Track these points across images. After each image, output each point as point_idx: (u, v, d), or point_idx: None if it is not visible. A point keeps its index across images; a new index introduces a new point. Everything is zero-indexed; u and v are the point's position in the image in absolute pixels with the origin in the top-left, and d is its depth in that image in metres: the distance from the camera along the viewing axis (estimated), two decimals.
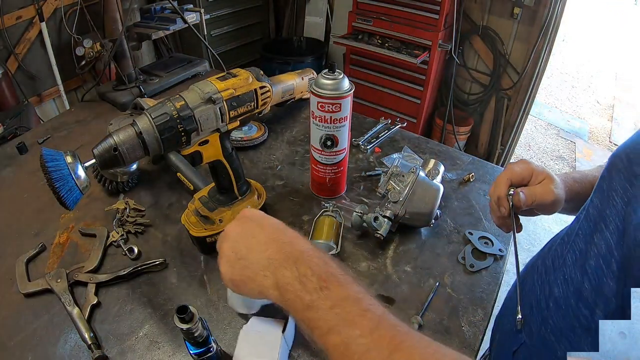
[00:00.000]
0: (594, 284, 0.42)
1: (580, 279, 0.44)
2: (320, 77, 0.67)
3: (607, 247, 0.41)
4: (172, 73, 1.25)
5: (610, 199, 0.43)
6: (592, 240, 0.44)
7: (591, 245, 0.44)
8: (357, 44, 2.29)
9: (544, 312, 0.47)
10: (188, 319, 0.44)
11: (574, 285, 0.44)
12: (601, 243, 0.42)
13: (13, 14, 1.83)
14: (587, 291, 0.42)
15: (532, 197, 0.54)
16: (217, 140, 0.59)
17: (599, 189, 0.47)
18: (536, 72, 2.13)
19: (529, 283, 0.55)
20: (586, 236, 0.45)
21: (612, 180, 0.44)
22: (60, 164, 0.48)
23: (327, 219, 0.70)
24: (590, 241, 0.44)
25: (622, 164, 0.43)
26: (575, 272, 0.45)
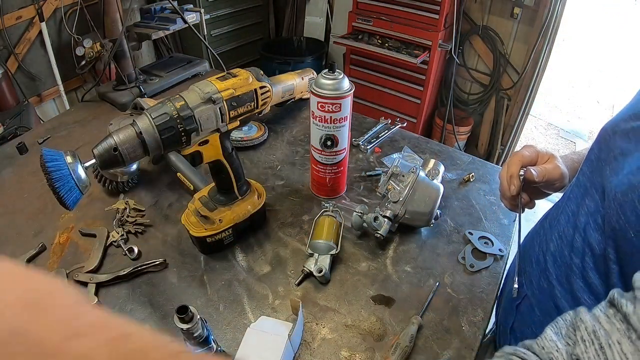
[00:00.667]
0: (583, 236, 0.48)
1: (572, 234, 0.49)
2: (320, 77, 0.67)
3: (595, 205, 0.47)
4: (172, 73, 1.25)
5: (598, 167, 0.49)
6: (583, 202, 0.49)
7: (582, 207, 0.49)
8: (357, 44, 2.29)
9: (542, 265, 0.53)
10: (188, 319, 0.44)
11: (567, 239, 0.50)
12: (590, 204, 0.48)
13: (13, 14, 1.83)
14: (577, 243, 0.48)
15: (543, 172, 0.58)
16: (217, 140, 0.59)
17: (587, 160, 0.53)
18: (536, 72, 2.13)
19: (529, 245, 0.61)
20: (577, 199, 0.51)
21: (600, 151, 0.50)
22: (60, 164, 0.47)
23: (327, 219, 0.70)
24: (580, 203, 0.50)
25: (607, 136, 0.49)
26: (568, 229, 0.50)
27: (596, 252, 0.45)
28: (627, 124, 0.47)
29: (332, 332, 0.58)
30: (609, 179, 0.45)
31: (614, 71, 4.20)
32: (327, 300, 0.62)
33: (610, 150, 0.47)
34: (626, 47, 4.42)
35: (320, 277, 0.63)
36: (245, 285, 0.64)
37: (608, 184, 0.45)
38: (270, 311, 0.61)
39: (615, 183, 0.43)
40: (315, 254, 0.66)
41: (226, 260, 0.68)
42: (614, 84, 4.02)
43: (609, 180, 0.45)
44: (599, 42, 4.54)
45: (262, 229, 0.74)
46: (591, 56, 4.34)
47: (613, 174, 0.44)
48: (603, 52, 4.42)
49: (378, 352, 0.56)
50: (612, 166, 0.46)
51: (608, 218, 0.43)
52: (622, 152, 0.45)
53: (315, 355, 0.55)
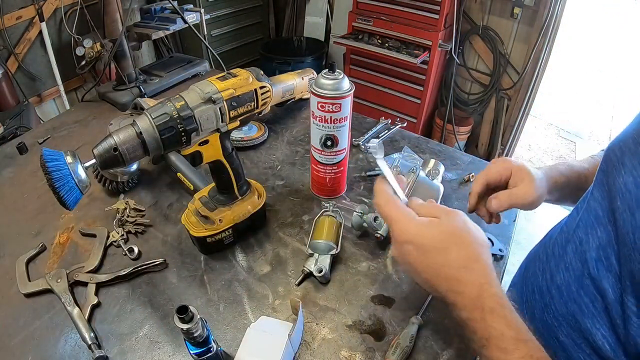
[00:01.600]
0: (594, 275, 0.43)
1: (581, 269, 0.45)
2: (320, 77, 0.67)
3: (607, 238, 0.43)
4: (172, 73, 1.25)
5: (609, 194, 0.44)
6: (594, 232, 0.45)
7: (592, 237, 0.45)
8: (357, 44, 2.29)
9: (546, 297, 0.49)
10: (188, 319, 0.44)
11: (575, 274, 0.46)
12: (602, 235, 0.43)
13: (13, 14, 1.83)
14: (587, 280, 0.44)
15: (506, 201, 0.55)
16: (217, 140, 0.59)
17: (599, 183, 0.47)
18: (536, 72, 2.13)
19: (531, 269, 0.56)
20: (587, 227, 0.46)
21: (609, 175, 0.45)
22: (60, 164, 0.47)
23: (327, 219, 0.70)
24: (590, 232, 0.45)
25: (615, 157, 0.44)
26: (576, 262, 0.46)
27: (609, 296, 0.41)
28: (636, 142, 0.42)
29: (332, 332, 0.58)
30: (623, 214, 0.40)
31: (614, 71, 4.20)
32: (327, 300, 0.62)
33: (621, 175, 0.43)
34: (626, 47, 4.41)
35: (320, 277, 0.63)
36: (245, 285, 0.64)
37: (623, 223, 0.40)
38: (270, 311, 0.61)
39: (633, 225, 0.39)
40: (315, 254, 0.66)
41: (226, 260, 0.68)
42: (614, 84, 4.02)
43: (622, 217, 0.40)
44: (599, 42, 4.54)
45: (262, 229, 0.74)
46: (591, 56, 4.34)
47: (627, 210, 0.40)
48: (603, 52, 4.42)
49: (378, 352, 0.56)
50: (625, 198, 0.41)
51: (627, 265, 0.39)
52: (636, 182, 0.40)
53: (315, 355, 0.55)
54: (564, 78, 3.93)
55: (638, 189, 0.40)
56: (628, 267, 0.39)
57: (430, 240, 0.42)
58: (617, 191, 0.42)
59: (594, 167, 0.62)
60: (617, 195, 0.42)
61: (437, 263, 0.42)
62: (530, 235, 2.23)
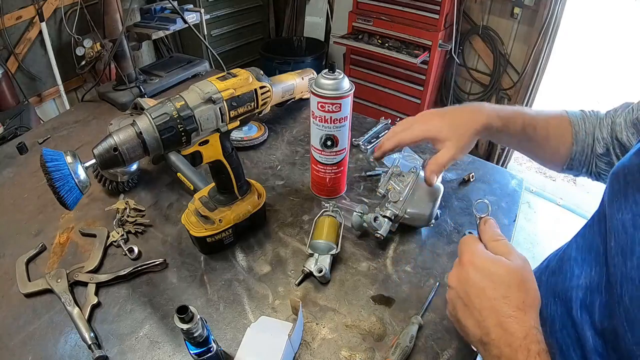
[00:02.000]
0: (576, 318, 0.42)
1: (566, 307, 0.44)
2: (320, 77, 0.67)
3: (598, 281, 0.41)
4: (172, 73, 1.25)
5: (605, 228, 0.42)
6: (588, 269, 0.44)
7: (584, 274, 0.44)
8: (357, 44, 2.30)
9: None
10: (188, 319, 0.44)
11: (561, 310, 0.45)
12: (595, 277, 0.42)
13: (13, 14, 1.83)
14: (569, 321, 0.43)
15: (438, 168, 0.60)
16: (217, 140, 0.59)
17: (600, 215, 0.45)
18: (536, 72, 2.13)
19: None
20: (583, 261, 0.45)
21: (611, 205, 0.42)
22: (60, 164, 0.47)
23: (327, 219, 0.70)
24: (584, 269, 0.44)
25: (618, 185, 0.42)
26: (563, 298, 0.45)
27: (589, 345, 0.40)
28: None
29: (332, 332, 0.58)
30: (615, 258, 0.38)
31: (615, 71, 4.20)
32: (327, 300, 0.62)
33: (620, 210, 0.40)
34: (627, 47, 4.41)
35: (320, 277, 0.63)
36: (245, 285, 0.64)
37: (613, 269, 0.38)
38: (270, 311, 0.61)
39: (622, 273, 0.36)
40: (315, 254, 0.66)
41: (226, 260, 0.68)
42: (614, 84, 4.02)
43: (614, 261, 0.38)
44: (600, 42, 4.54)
45: (262, 229, 0.74)
46: (591, 56, 4.34)
47: (619, 253, 0.37)
48: (603, 52, 4.42)
49: (378, 352, 0.56)
50: (619, 239, 0.38)
51: (610, 321, 0.37)
52: (635, 222, 0.37)
53: (315, 355, 0.55)
54: (564, 78, 3.92)
55: (636, 230, 0.37)
56: (612, 321, 0.36)
57: (497, 271, 0.42)
58: (613, 228, 0.40)
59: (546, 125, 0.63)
60: (612, 233, 0.40)
61: (497, 295, 0.41)
62: (530, 235, 2.23)
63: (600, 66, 4.26)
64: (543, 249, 2.15)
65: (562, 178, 2.79)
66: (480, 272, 0.43)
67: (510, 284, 0.41)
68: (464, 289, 0.44)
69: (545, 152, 0.67)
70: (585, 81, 4.07)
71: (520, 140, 0.64)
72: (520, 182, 0.87)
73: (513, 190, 0.85)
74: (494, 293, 0.41)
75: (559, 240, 2.01)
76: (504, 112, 0.62)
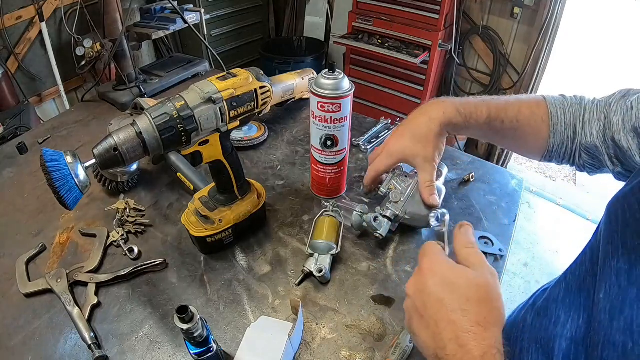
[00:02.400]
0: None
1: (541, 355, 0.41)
2: (320, 77, 0.67)
3: (586, 332, 0.37)
4: (172, 73, 1.25)
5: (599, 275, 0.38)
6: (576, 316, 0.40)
7: (571, 322, 0.40)
8: (357, 44, 2.30)
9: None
10: (188, 319, 0.44)
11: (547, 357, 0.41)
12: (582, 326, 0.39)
13: (13, 14, 1.83)
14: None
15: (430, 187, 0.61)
16: (217, 140, 0.59)
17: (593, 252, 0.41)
18: (536, 72, 2.13)
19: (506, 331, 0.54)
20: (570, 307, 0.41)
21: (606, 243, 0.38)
22: (60, 164, 0.48)
23: (327, 219, 0.70)
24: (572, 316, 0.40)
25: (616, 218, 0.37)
26: (545, 347, 0.41)
27: None
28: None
29: (332, 332, 0.58)
30: (600, 314, 0.34)
31: (615, 71, 4.20)
32: (327, 300, 0.62)
33: (617, 256, 0.35)
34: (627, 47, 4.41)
35: (320, 277, 0.63)
36: (245, 285, 0.64)
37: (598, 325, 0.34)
38: (270, 311, 0.61)
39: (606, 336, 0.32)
40: (315, 254, 0.66)
41: (226, 260, 0.68)
42: (615, 83, 4.02)
43: (600, 316, 0.34)
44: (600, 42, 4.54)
45: (262, 229, 0.74)
46: (591, 56, 4.34)
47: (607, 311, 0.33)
48: (603, 52, 4.42)
49: (378, 352, 0.56)
50: (610, 293, 0.34)
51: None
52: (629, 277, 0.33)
53: (315, 355, 0.55)
54: (564, 78, 3.92)
55: (630, 285, 0.33)
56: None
57: (458, 281, 0.39)
58: (605, 276, 0.36)
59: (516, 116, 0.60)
60: (604, 283, 0.36)
61: (455, 307, 0.38)
62: (530, 235, 2.23)
63: (601, 66, 4.26)
64: (543, 249, 2.15)
65: (562, 178, 2.79)
66: (439, 282, 0.40)
67: (471, 297, 0.38)
68: (421, 298, 0.40)
69: (518, 144, 0.64)
70: (586, 81, 4.07)
71: (486, 134, 0.62)
72: (520, 182, 0.87)
73: (513, 190, 0.85)
74: (452, 305, 0.38)
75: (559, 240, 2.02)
76: (466, 106, 0.59)
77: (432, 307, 0.39)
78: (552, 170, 2.84)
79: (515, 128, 0.60)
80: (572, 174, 2.82)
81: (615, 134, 0.53)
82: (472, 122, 0.59)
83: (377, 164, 0.63)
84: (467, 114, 0.59)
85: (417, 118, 0.62)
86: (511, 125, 0.60)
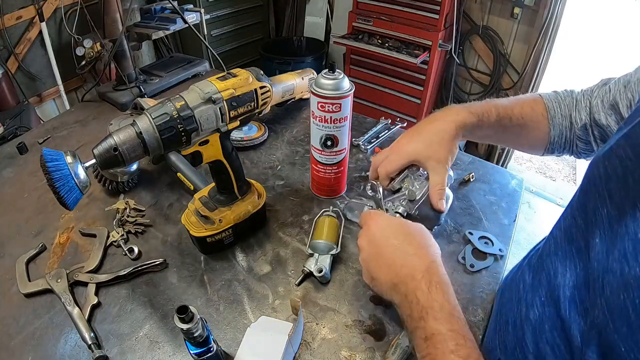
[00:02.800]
0: (564, 317, 0.40)
1: (554, 307, 0.42)
2: (320, 77, 0.67)
3: (585, 278, 0.39)
4: (172, 73, 1.25)
5: (586, 222, 0.40)
6: (572, 265, 0.41)
7: (569, 271, 0.42)
8: (357, 44, 2.29)
9: (519, 332, 0.46)
10: (188, 319, 0.44)
11: (549, 311, 0.42)
12: (581, 273, 0.40)
13: (13, 14, 1.83)
14: (558, 321, 0.41)
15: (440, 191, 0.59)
16: (217, 140, 0.59)
17: (580, 206, 0.43)
18: (536, 72, 2.13)
19: (506, 296, 0.55)
20: (565, 257, 0.43)
21: (589, 198, 0.41)
22: (60, 164, 0.48)
23: (327, 219, 0.70)
24: (569, 265, 0.42)
25: (598, 175, 0.40)
26: (550, 298, 0.42)
27: (576, 344, 0.38)
28: (623, 164, 0.36)
29: (332, 332, 0.58)
30: (598, 255, 0.36)
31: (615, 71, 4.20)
32: (327, 300, 0.62)
33: (605, 205, 0.38)
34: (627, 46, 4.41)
35: (320, 277, 0.63)
36: (245, 285, 0.64)
37: (596, 264, 0.36)
38: (270, 311, 0.61)
39: (604, 266, 0.35)
40: (316, 254, 0.66)
41: (226, 260, 0.68)
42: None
43: (597, 257, 0.36)
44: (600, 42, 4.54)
45: (262, 229, 0.74)
46: (591, 56, 4.34)
47: (604, 247, 0.36)
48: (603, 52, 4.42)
49: (378, 352, 0.56)
50: (605, 235, 0.36)
51: (592, 313, 0.35)
52: (619, 210, 0.35)
53: (315, 355, 0.55)
54: (564, 78, 3.92)
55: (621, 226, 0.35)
56: (592, 314, 0.35)
57: (398, 223, 0.52)
58: (596, 224, 0.38)
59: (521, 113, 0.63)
60: (596, 230, 0.38)
61: (400, 239, 0.50)
62: (530, 235, 2.23)
63: (601, 66, 4.26)
64: None
65: (562, 178, 2.79)
66: (384, 227, 0.51)
67: (410, 232, 0.51)
68: (374, 243, 0.51)
69: (524, 140, 0.66)
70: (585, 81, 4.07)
71: (497, 132, 0.63)
72: (520, 182, 0.87)
73: (513, 190, 0.85)
74: (397, 238, 0.50)
75: None
76: (475, 107, 0.61)
77: (384, 245, 0.50)
78: (552, 170, 2.84)
79: (521, 125, 0.63)
80: (572, 174, 2.82)
81: (596, 114, 0.59)
82: (484, 121, 0.60)
83: (387, 165, 0.62)
84: (479, 113, 0.60)
85: (430, 123, 0.61)
86: (518, 122, 0.63)
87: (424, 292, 0.44)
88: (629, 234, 0.33)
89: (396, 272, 0.47)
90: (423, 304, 0.43)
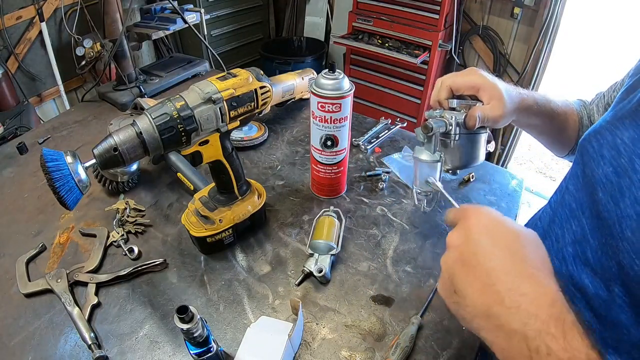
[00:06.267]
0: (572, 271, 0.42)
1: (560, 266, 0.44)
2: (320, 77, 0.67)
3: (582, 233, 0.43)
4: (172, 73, 1.25)
5: (585, 184, 0.45)
6: (569, 226, 0.45)
7: (567, 232, 0.45)
8: (357, 44, 2.29)
9: None
10: (188, 319, 0.44)
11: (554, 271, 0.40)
12: (577, 229, 0.44)
13: (13, 14, 1.83)
14: (566, 277, 0.42)
15: (483, 119, 0.56)
16: (217, 140, 0.59)
17: (573, 176, 0.48)
18: (536, 72, 2.13)
19: None
20: (562, 222, 0.47)
21: (585, 166, 0.45)
22: (60, 164, 0.48)
23: (327, 219, 0.70)
24: (566, 227, 0.46)
25: (591, 147, 0.45)
26: (554, 259, 0.40)
27: (589, 291, 0.40)
28: (613, 134, 0.42)
29: (332, 332, 0.58)
30: (607, 205, 0.40)
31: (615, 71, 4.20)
32: (327, 300, 0.62)
33: (600, 166, 0.42)
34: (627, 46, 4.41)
35: (320, 277, 0.63)
36: (245, 285, 0.64)
37: (607, 214, 0.39)
38: (270, 311, 0.61)
39: (618, 215, 0.38)
40: (316, 254, 0.66)
41: (226, 260, 0.68)
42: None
43: (606, 208, 0.40)
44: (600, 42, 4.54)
45: (262, 229, 0.74)
46: (591, 56, 4.34)
47: (610, 201, 0.39)
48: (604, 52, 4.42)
49: (378, 352, 0.56)
50: (606, 189, 0.41)
51: (615, 257, 0.38)
52: (616, 171, 0.40)
53: (315, 355, 0.55)
54: (564, 78, 3.92)
55: (619, 177, 0.39)
56: (615, 259, 0.37)
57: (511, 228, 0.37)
58: (597, 183, 0.42)
59: (564, 110, 0.66)
60: (597, 187, 0.42)
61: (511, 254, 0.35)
62: None
63: (601, 66, 4.26)
64: None
65: (562, 178, 2.78)
66: (489, 227, 0.37)
67: (526, 244, 0.36)
68: (471, 249, 0.37)
69: (562, 136, 0.68)
70: (586, 81, 4.07)
71: (545, 123, 0.65)
72: (520, 182, 0.87)
73: (513, 190, 0.85)
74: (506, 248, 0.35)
75: None
76: (532, 94, 0.62)
77: (483, 255, 0.36)
78: (552, 170, 2.84)
79: (565, 120, 0.65)
80: None
81: (591, 117, 0.64)
82: (542, 109, 0.62)
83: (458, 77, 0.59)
84: (538, 101, 0.61)
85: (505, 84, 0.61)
86: (562, 118, 0.65)
87: (556, 339, 0.31)
88: (635, 183, 0.37)
89: (500, 297, 0.33)
90: (560, 356, 0.30)
